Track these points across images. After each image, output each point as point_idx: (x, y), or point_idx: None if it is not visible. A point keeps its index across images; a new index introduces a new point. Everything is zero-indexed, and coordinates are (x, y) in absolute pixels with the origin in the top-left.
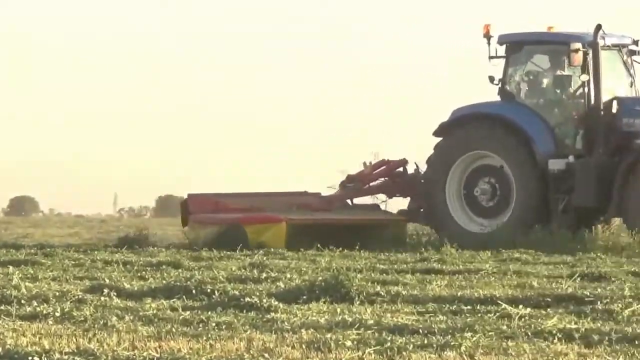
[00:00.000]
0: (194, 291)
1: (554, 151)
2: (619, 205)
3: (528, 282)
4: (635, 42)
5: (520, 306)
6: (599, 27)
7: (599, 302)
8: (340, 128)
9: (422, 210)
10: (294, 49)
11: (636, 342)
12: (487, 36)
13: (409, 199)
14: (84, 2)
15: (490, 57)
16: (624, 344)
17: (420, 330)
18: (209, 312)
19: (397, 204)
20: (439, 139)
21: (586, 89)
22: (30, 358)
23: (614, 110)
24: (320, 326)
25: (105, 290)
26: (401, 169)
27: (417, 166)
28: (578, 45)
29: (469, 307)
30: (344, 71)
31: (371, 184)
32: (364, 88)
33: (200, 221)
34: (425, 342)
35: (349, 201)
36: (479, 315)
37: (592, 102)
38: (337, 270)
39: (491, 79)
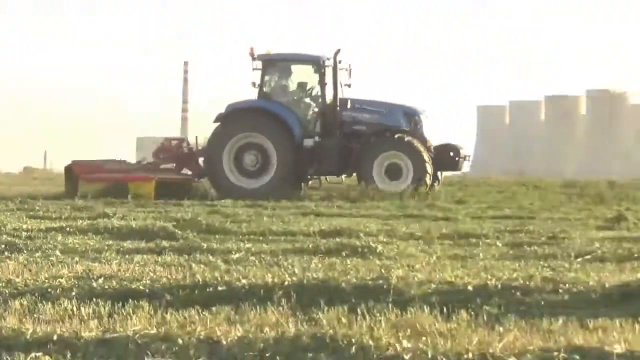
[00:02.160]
0: None
1: (302, 133)
2: (356, 168)
3: None
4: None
5: None
6: (338, 50)
7: None
8: None
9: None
10: None
11: None
12: (252, 55)
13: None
14: None
15: (254, 69)
16: None
17: None
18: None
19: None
20: (217, 124)
21: (325, 92)
22: None
23: (348, 107)
24: None
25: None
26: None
27: (188, 143)
28: (329, 63)
29: None
30: None
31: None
32: None
33: (91, 180)
34: None
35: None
36: None
37: (331, 101)
38: None
39: (253, 84)
